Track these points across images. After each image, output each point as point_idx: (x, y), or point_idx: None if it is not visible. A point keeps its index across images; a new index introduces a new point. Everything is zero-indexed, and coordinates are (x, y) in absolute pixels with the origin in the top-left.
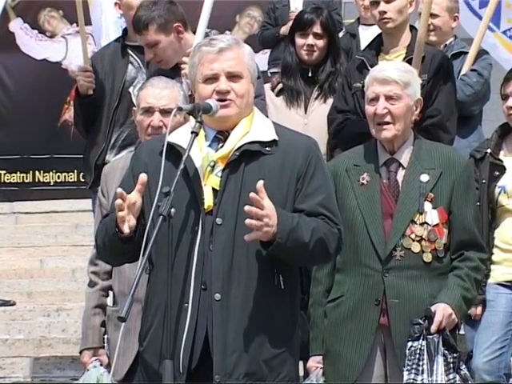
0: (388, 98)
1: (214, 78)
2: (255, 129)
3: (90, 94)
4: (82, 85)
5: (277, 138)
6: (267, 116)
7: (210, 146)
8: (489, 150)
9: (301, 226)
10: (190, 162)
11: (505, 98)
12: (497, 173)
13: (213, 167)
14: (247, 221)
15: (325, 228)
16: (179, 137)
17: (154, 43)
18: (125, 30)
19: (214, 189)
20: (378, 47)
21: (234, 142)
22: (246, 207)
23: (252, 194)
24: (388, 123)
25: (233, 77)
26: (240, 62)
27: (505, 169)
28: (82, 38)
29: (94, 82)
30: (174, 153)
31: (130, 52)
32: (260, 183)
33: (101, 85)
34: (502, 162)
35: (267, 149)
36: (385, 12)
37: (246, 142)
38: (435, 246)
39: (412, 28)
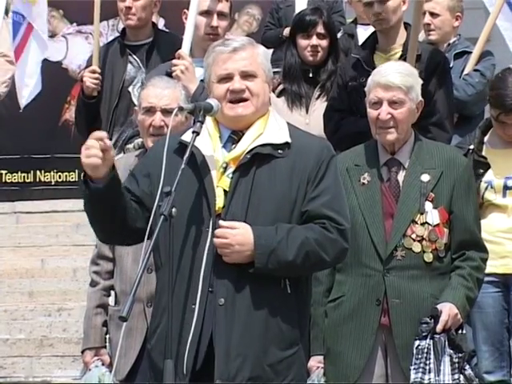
0: (391, 103)
1: (228, 78)
2: (269, 130)
3: (95, 96)
4: (89, 86)
5: (289, 141)
6: None
7: (224, 146)
8: (472, 147)
9: (284, 245)
10: (203, 163)
11: None
12: (481, 170)
13: (225, 168)
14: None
15: (320, 237)
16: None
17: None
18: (123, 30)
19: (225, 190)
20: (372, 45)
21: (247, 143)
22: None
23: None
24: (391, 127)
25: (247, 76)
26: (254, 61)
27: (489, 166)
28: (95, 39)
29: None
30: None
31: (128, 51)
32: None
33: (100, 84)
34: (485, 159)
35: (279, 151)
36: (379, 13)
37: (257, 145)
38: (436, 246)
39: (407, 26)
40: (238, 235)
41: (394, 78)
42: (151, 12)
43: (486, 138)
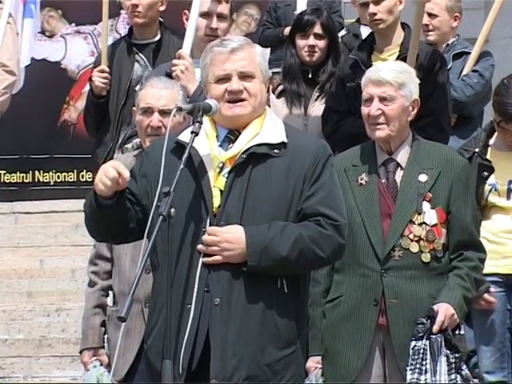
0: (382, 99)
1: (226, 79)
2: (265, 130)
3: (104, 95)
4: (98, 86)
5: (286, 141)
6: None
7: (220, 145)
8: (477, 150)
9: (277, 242)
10: (200, 163)
11: None
12: (486, 173)
13: (221, 168)
14: (199, 246)
15: (315, 234)
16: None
17: None
18: (130, 29)
19: (221, 190)
20: (370, 46)
21: (243, 143)
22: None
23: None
24: (381, 124)
25: (245, 77)
26: (252, 61)
27: (493, 169)
28: (104, 38)
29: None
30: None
31: (136, 50)
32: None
33: (109, 84)
34: (490, 162)
35: (275, 151)
36: (375, 14)
37: (253, 145)
38: (434, 246)
39: (404, 26)
40: (227, 233)
41: (385, 74)
42: (158, 10)
43: (491, 141)
